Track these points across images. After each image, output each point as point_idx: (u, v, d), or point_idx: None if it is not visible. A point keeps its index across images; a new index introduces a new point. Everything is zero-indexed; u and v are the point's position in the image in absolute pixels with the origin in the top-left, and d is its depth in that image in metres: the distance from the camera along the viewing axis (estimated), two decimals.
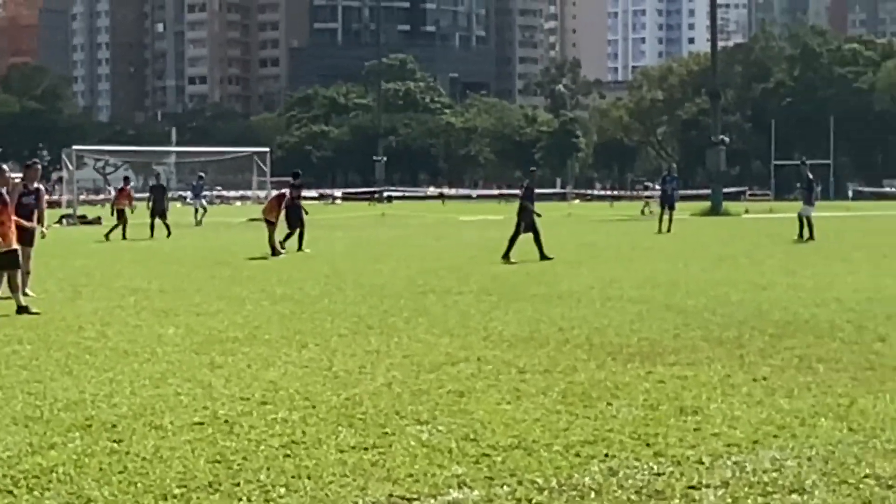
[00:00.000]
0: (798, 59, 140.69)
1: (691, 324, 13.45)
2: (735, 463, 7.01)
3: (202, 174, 59.10)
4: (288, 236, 28.39)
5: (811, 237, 31.31)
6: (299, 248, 27.98)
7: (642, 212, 58.02)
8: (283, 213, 27.54)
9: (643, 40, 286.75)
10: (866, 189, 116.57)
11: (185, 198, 71.02)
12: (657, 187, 51.26)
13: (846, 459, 7.04)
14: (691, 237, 35.48)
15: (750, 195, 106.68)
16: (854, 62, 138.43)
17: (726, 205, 61.39)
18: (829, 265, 22.65)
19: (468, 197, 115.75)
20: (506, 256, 23.70)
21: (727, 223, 47.87)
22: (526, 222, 24.49)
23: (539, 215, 25.13)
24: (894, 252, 26.79)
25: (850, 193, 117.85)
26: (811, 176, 35.15)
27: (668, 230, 37.11)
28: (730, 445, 7.45)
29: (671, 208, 38.42)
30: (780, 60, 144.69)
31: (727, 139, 69.98)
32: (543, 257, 23.88)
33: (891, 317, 13.84)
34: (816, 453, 7.20)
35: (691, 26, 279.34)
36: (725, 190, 68.51)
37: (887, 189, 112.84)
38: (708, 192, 63.88)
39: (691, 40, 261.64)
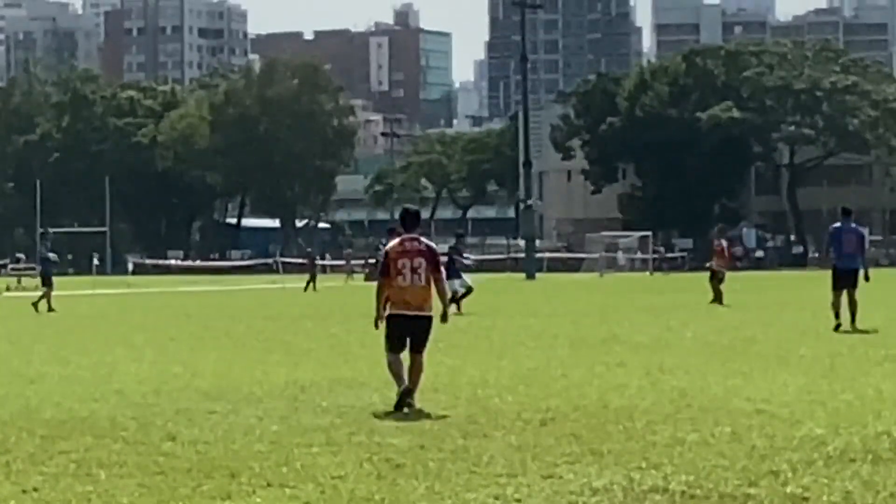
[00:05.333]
0: (67, 108, 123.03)
1: None
2: None
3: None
4: None
5: None
6: None
7: None
8: None
9: None
10: (148, 261, 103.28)
11: None
12: None
13: None
14: None
15: (12, 269, 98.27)
16: (132, 112, 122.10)
17: None
18: (109, 351, 21.45)
19: None
20: None
21: None
22: None
23: None
24: (182, 335, 25.95)
25: (130, 267, 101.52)
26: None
27: None
28: None
29: None
30: (45, 108, 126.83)
31: None
32: None
33: (180, 411, 13.06)
34: None
35: None
36: None
37: (171, 262, 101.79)
38: None
39: None
